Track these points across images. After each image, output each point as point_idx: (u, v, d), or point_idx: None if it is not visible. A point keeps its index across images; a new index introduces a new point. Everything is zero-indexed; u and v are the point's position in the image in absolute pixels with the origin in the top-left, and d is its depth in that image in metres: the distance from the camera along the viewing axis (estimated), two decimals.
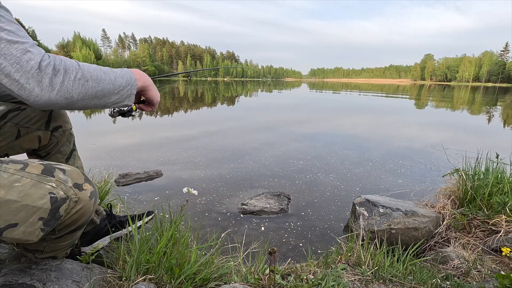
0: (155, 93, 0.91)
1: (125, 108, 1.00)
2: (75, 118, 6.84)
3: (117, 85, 0.74)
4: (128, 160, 3.69)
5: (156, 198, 2.57)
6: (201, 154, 4.04)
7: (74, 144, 1.12)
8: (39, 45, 0.63)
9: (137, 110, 1.00)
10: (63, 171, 0.72)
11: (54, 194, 0.68)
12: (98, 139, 4.81)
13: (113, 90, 0.73)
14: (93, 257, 1.07)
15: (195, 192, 1.25)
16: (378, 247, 1.47)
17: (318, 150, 4.43)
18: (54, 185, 0.68)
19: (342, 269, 1.23)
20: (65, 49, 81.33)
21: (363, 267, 1.27)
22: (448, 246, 1.62)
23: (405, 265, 1.30)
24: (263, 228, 2.16)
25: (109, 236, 1.19)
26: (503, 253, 1.40)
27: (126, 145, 4.48)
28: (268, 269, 1.13)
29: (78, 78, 0.63)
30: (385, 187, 2.98)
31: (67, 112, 1.12)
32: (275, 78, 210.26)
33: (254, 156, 3.99)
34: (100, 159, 3.67)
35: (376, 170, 3.49)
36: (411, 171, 3.48)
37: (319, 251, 1.85)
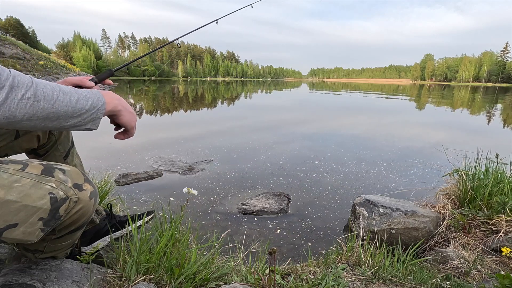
0: (128, 118, 0.81)
1: None
2: None
3: (78, 108, 0.67)
4: (128, 160, 3.69)
5: (156, 198, 2.57)
6: (201, 154, 4.04)
7: (72, 142, 1.11)
8: (39, 45, 0.62)
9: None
10: (63, 171, 0.72)
11: (54, 194, 0.68)
12: (98, 139, 4.81)
13: (72, 113, 0.66)
14: (93, 257, 1.07)
15: (195, 192, 1.24)
16: (378, 247, 1.47)
17: (317, 150, 4.43)
18: (54, 185, 0.68)
19: (342, 269, 1.23)
20: (65, 49, 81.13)
21: (363, 267, 1.27)
22: (448, 246, 1.62)
23: (405, 265, 1.30)
24: (263, 228, 2.16)
25: (109, 236, 1.18)
26: (503, 253, 1.40)
27: (126, 145, 4.48)
28: (268, 269, 1.13)
29: (27, 97, 0.57)
30: (385, 187, 2.98)
31: None
32: (275, 78, 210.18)
33: (254, 156, 3.99)
34: (100, 159, 3.67)
35: (376, 170, 3.48)
36: (411, 171, 3.48)
37: (319, 251, 1.85)
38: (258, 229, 2.14)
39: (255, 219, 2.29)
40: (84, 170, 1.18)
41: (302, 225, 2.20)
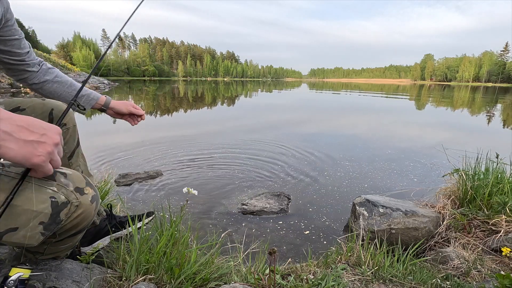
0: (15, 153, 0.51)
1: None
2: (77, 118, 6.82)
3: None
4: (128, 160, 3.69)
5: (156, 198, 2.57)
6: (201, 154, 4.04)
7: (78, 142, 1.11)
8: (39, 45, 0.60)
9: None
10: (65, 175, 0.71)
11: (55, 198, 0.67)
12: (98, 139, 4.81)
13: None
14: (93, 257, 1.07)
15: (195, 192, 1.25)
16: (378, 247, 1.47)
17: (316, 150, 4.43)
18: (55, 189, 0.67)
19: (342, 269, 1.23)
20: (65, 49, 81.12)
21: (363, 267, 1.27)
22: (448, 246, 1.62)
23: (405, 265, 1.30)
24: (263, 228, 2.16)
25: (109, 236, 1.18)
26: (503, 253, 1.40)
27: (126, 145, 4.48)
28: (268, 269, 1.13)
29: None
30: (385, 187, 2.98)
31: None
32: (275, 78, 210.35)
33: (253, 156, 3.99)
34: (100, 159, 3.67)
35: (376, 170, 3.48)
36: (411, 171, 3.48)
37: (319, 251, 1.85)
38: (258, 229, 2.14)
39: (255, 219, 2.29)
40: (88, 170, 1.18)
41: (302, 225, 2.20)
